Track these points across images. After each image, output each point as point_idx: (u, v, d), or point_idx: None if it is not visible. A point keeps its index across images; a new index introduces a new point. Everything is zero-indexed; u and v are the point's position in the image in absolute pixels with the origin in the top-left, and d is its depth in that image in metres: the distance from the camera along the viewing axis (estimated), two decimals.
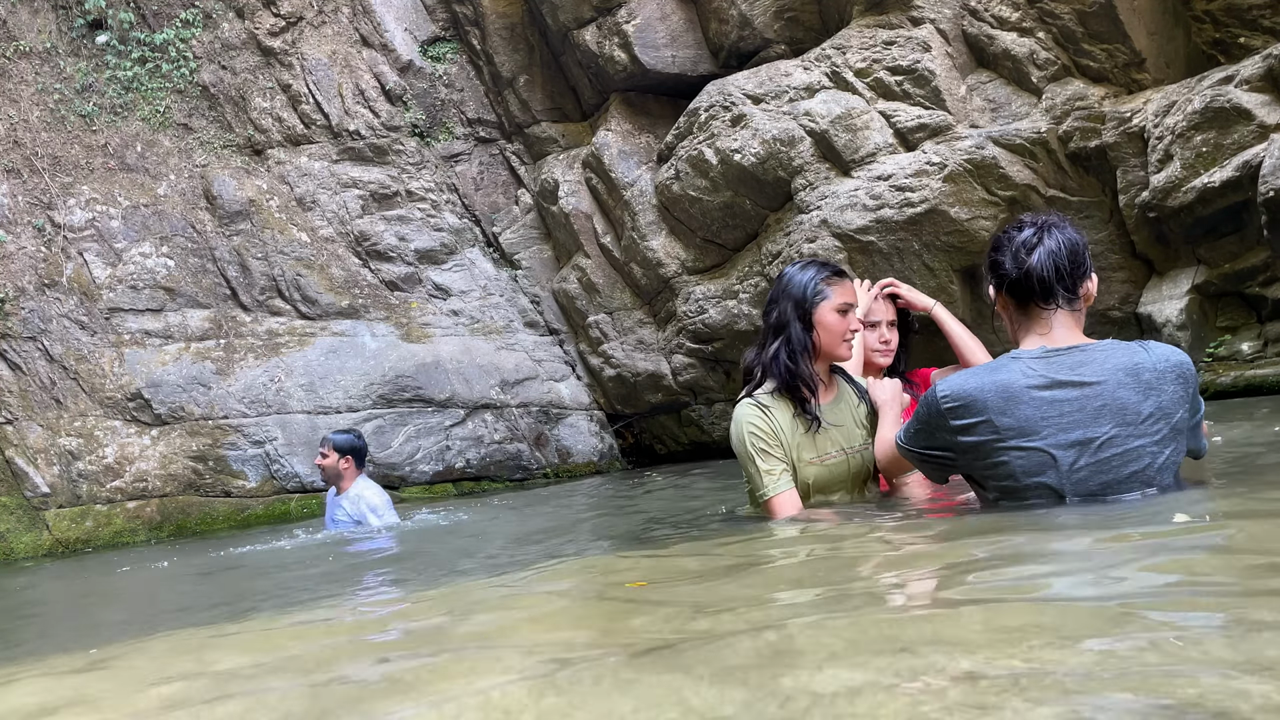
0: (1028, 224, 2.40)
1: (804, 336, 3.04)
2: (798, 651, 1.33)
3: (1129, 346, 2.34)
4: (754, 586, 2.05)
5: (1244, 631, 1.18)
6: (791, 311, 3.05)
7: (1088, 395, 2.27)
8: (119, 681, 1.86)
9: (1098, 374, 2.29)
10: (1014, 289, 2.39)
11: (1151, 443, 2.27)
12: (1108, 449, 2.26)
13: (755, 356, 3.15)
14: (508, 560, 3.97)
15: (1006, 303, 2.44)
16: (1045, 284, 2.33)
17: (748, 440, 3.01)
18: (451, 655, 1.65)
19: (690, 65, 9.21)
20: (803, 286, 3.06)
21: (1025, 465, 2.31)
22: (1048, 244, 2.33)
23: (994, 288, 2.46)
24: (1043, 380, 2.30)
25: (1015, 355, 2.38)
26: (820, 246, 7.75)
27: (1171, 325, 6.48)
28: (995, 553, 1.96)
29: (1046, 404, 2.29)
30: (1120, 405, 2.27)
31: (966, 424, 2.37)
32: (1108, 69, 6.73)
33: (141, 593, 5.05)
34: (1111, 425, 2.27)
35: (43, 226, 9.44)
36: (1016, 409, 2.30)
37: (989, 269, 2.47)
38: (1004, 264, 2.39)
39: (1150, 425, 2.27)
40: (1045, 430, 2.28)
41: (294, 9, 10.63)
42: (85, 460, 8.68)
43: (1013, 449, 2.32)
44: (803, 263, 3.18)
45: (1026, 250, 2.34)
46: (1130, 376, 2.28)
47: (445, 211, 10.60)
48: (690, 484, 6.88)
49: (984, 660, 1.15)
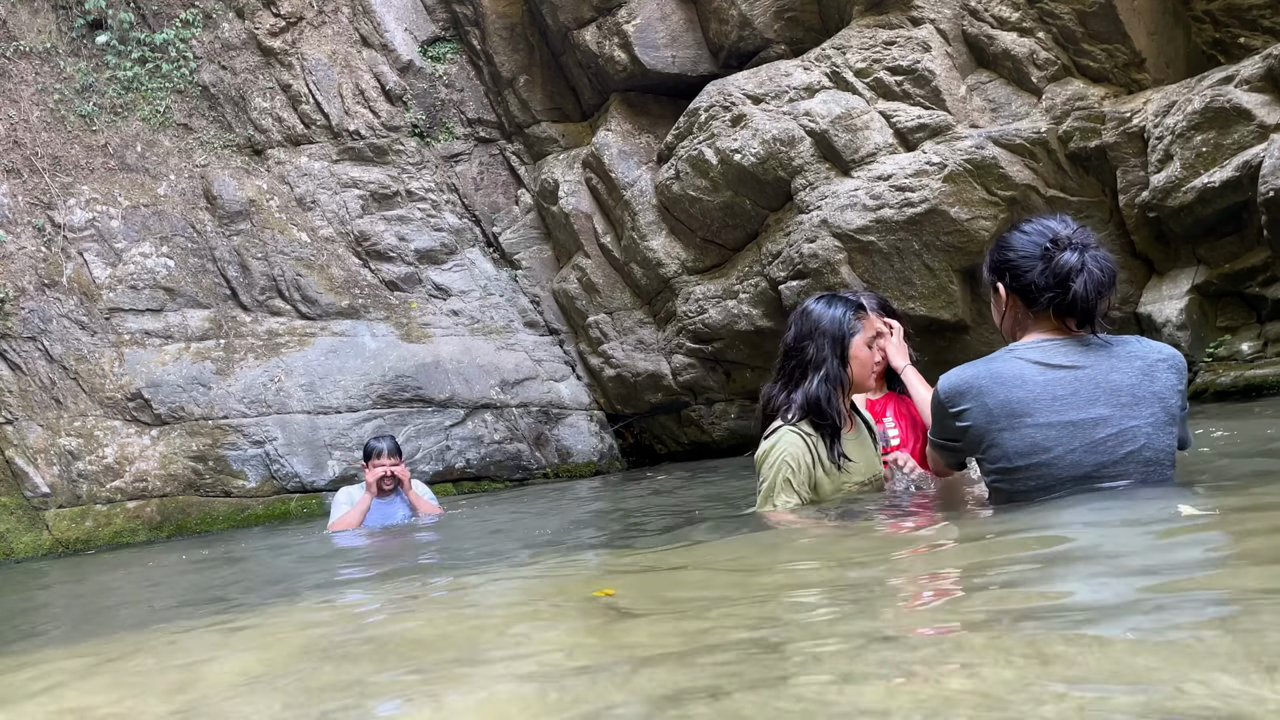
0: (1064, 241, 2.35)
1: (840, 372, 3.11)
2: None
3: (1121, 337, 2.40)
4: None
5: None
6: (830, 348, 3.11)
7: (1080, 378, 2.31)
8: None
9: (1090, 359, 2.33)
10: (1046, 304, 2.38)
11: (1146, 424, 2.30)
12: (1101, 429, 2.29)
13: (782, 391, 3.17)
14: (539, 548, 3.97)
15: (1015, 303, 2.46)
16: (1089, 312, 2.33)
17: (781, 469, 3.04)
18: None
19: (690, 65, 9.21)
20: (838, 323, 3.14)
21: (1018, 446, 2.34)
22: (1092, 271, 2.30)
23: (1008, 290, 2.46)
24: (1035, 365, 2.34)
25: (1011, 349, 2.42)
26: (820, 246, 7.75)
27: (1171, 325, 6.48)
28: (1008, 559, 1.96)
29: (1039, 386, 2.32)
30: (1113, 386, 2.30)
31: (962, 409, 2.43)
32: (1108, 69, 6.73)
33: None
34: (1105, 406, 2.29)
35: (43, 226, 9.44)
36: (1008, 391, 2.34)
37: (1005, 270, 2.45)
38: (1034, 279, 2.37)
39: (1145, 408, 2.30)
40: (1037, 411, 2.31)
41: (294, 9, 10.63)
42: (85, 460, 8.68)
43: (1004, 430, 2.35)
44: (826, 298, 3.25)
45: (1071, 274, 2.31)
46: (1123, 361, 2.33)
47: (445, 211, 10.60)
48: (687, 484, 6.88)
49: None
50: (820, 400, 3.07)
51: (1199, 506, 2.05)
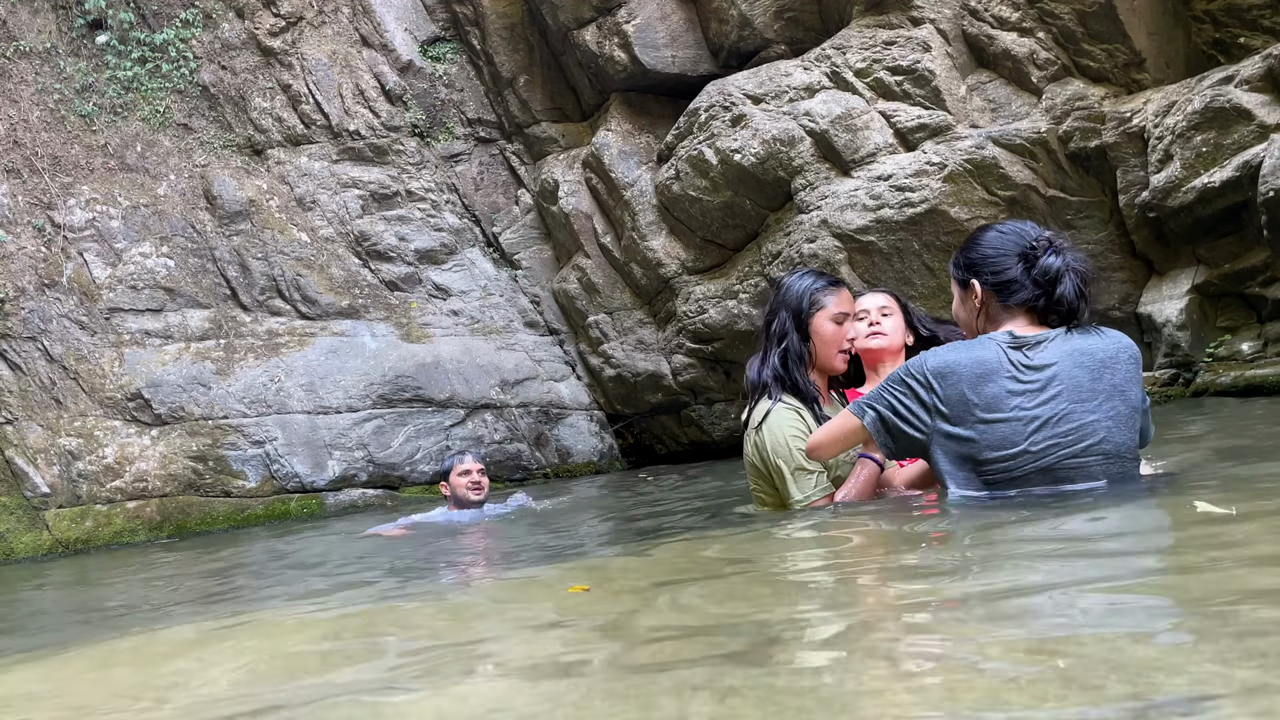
0: (1044, 244, 2.52)
1: (800, 347, 3.02)
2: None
3: (1083, 331, 2.53)
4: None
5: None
6: (790, 321, 3.04)
7: (1045, 377, 2.44)
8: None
9: (1054, 356, 2.46)
10: (1025, 299, 2.53)
11: (1106, 419, 2.44)
12: (1064, 424, 2.42)
13: (756, 369, 3.11)
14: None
15: (990, 298, 2.58)
16: (1074, 312, 2.51)
17: (791, 444, 2.95)
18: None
19: (690, 65, 9.21)
20: (799, 295, 3.05)
21: (989, 439, 2.45)
22: (1076, 270, 2.50)
23: (984, 286, 2.59)
24: (1008, 363, 2.47)
25: (992, 338, 2.54)
26: (820, 246, 7.75)
27: (1171, 325, 6.48)
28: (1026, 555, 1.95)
29: (1012, 382, 2.45)
30: (1075, 384, 2.44)
31: (943, 394, 2.50)
32: (1108, 69, 6.74)
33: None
34: (1067, 402, 2.43)
35: (43, 226, 9.44)
36: (986, 387, 2.46)
37: (981, 267, 2.59)
38: (1015, 275, 2.53)
39: (1104, 402, 2.44)
40: (1010, 405, 2.44)
41: (294, 9, 10.63)
42: (85, 460, 8.68)
43: (980, 422, 2.46)
44: (801, 272, 3.17)
45: (1058, 277, 2.49)
46: (1085, 356, 2.46)
47: (445, 211, 10.60)
48: (689, 483, 6.88)
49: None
50: (776, 372, 3.00)
51: (1214, 502, 2.07)
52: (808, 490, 2.95)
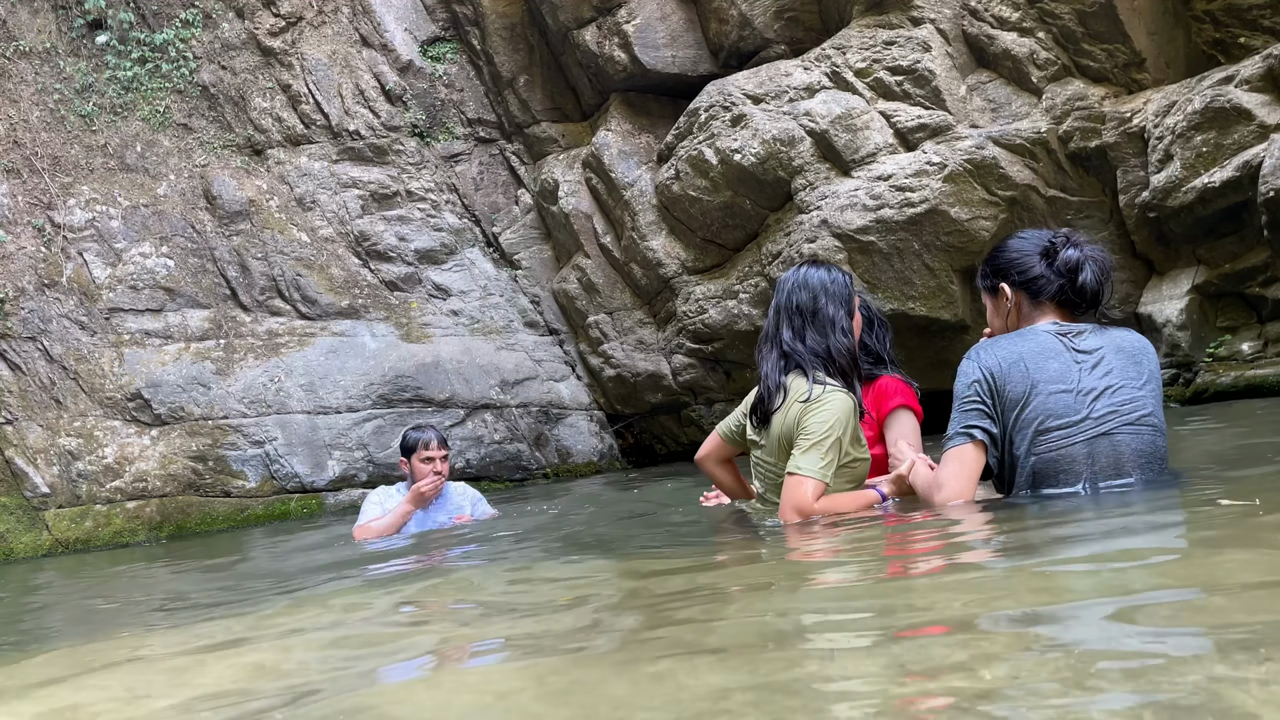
0: (1061, 241, 2.74)
1: (849, 332, 3.16)
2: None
3: (1106, 326, 2.77)
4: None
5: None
6: (842, 308, 3.16)
7: (1095, 357, 2.65)
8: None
9: (1098, 343, 2.68)
10: (1053, 292, 2.72)
11: (1150, 396, 2.65)
12: (1120, 395, 2.62)
13: (823, 346, 3.11)
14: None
15: (1021, 298, 2.77)
16: (1097, 296, 2.73)
17: (837, 428, 2.97)
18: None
19: (690, 65, 9.21)
20: (846, 287, 3.20)
21: (1053, 408, 2.60)
22: (1095, 259, 2.71)
23: (1013, 287, 2.77)
24: (1058, 339, 2.67)
25: (1032, 328, 2.71)
26: (820, 246, 7.75)
27: (1172, 325, 6.48)
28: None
29: (1066, 355, 2.64)
30: (1121, 364, 2.65)
31: (1009, 382, 2.63)
32: (1108, 69, 6.74)
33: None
34: (1119, 378, 2.64)
35: (43, 226, 9.44)
36: (1049, 363, 2.63)
37: (1009, 269, 2.78)
38: (1040, 271, 2.73)
39: (1146, 384, 2.66)
40: (1072, 379, 2.61)
41: (294, 9, 10.62)
42: (85, 460, 8.67)
43: (1043, 394, 2.61)
44: (824, 266, 3.24)
45: (1079, 266, 2.70)
46: (1124, 343, 2.70)
47: (445, 211, 10.60)
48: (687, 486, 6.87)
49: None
50: (846, 349, 3.11)
51: (1236, 496, 2.12)
52: (816, 465, 2.94)
